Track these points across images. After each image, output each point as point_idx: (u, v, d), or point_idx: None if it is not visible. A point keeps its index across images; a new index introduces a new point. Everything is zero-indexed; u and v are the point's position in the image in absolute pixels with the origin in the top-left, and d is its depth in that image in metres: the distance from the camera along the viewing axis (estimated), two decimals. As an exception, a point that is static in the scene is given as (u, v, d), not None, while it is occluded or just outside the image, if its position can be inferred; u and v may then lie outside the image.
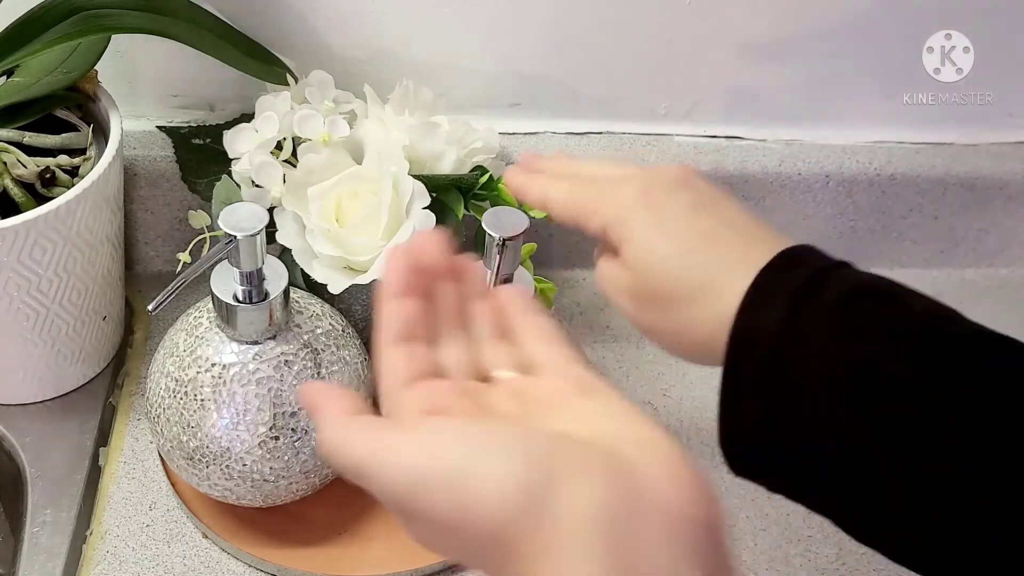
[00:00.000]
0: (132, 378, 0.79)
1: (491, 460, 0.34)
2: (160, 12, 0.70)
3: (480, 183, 0.72)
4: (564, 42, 0.82)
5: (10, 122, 0.70)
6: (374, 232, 0.69)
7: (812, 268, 0.46)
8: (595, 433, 0.37)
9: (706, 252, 0.47)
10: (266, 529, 0.70)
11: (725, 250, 0.47)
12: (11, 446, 0.73)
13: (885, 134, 0.89)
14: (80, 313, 0.72)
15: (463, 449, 0.35)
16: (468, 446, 0.35)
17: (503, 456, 0.35)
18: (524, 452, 0.35)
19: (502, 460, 0.34)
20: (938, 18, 0.82)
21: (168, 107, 0.83)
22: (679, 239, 0.48)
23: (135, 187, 0.82)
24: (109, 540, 0.70)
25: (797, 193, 0.88)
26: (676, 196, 0.49)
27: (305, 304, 0.68)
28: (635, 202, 0.49)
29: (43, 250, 0.66)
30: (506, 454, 0.35)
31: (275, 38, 0.78)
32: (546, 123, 0.86)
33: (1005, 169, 0.89)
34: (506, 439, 0.35)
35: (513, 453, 0.35)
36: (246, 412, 0.63)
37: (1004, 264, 0.94)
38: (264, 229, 0.60)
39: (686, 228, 0.48)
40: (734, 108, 0.87)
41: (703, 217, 0.48)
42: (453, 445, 0.36)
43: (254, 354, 0.64)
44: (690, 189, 0.50)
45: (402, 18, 0.79)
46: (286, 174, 0.71)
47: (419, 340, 0.43)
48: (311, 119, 0.71)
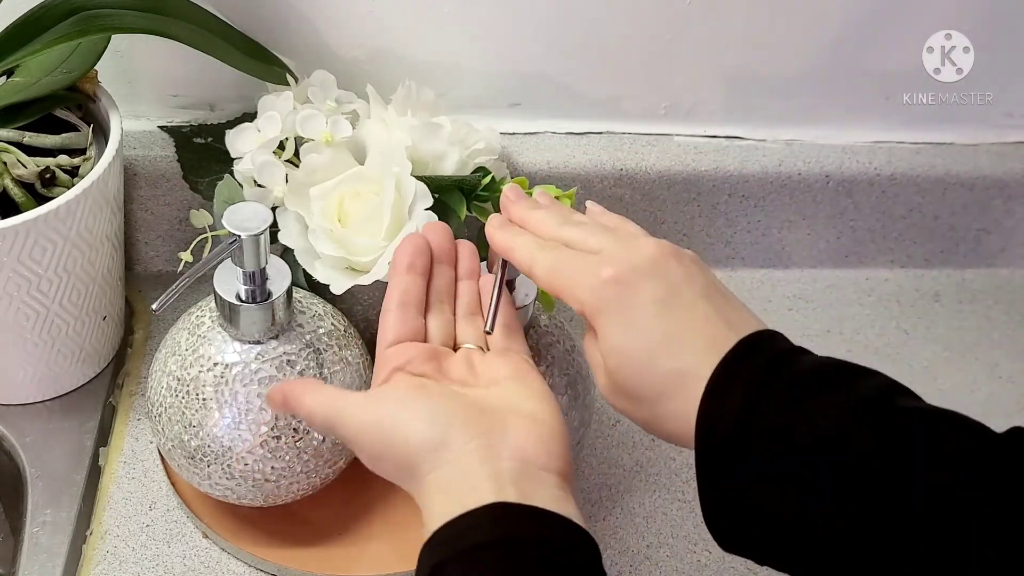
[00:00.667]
0: (132, 378, 0.79)
1: (410, 418, 0.51)
2: (160, 12, 0.70)
3: (482, 184, 0.72)
4: (564, 42, 0.82)
5: (10, 122, 0.70)
6: (376, 232, 0.68)
7: (768, 355, 0.49)
8: (504, 404, 0.52)
9: (670, 358, 0.50)
10: (266, 529, 0.70)
11: (690, 351, 0.50)
12: (11, 446, 0.73)
13: (885, 134, 0.89)
14: (80, 313, 0.72)
15: (393, 409, 0.52)
16: (396, 407, 0.52)
17: (418, 415, 0.51)
18: (432, 413, 0.51)
19: (417, 418, 0.51)
20: (938, 18, 0.82)
21: (168, 107, 0.82)
22: (646, 342, 0.51)
23: (135, 187, 0.82)
24: (109, 540, 0.70)
25: (797, 193, 0.88)
26: (647, 289, 0.51)
27: (307, 304, 0.68)
28: (608, 294, 0.52)
29: (43, 250, 0.66)
30: (419, 414, 0.51)
31: (275, 38, 0.78)
32: (546, 123, 0.86)
33: (1005, 169, 0.89)
34: (423, 405, 0.51)
35: (425, 414, 0.51)
36: (248, 412, 0.63)
37: (1004, 264, 0.94)
38: (267, 229, 0.60)
39: (653, 329, 0.51)
40: (734, 108, 0.87)
41: (671, 314, 0.51)
42: (388, 406, 0.52)
43: (256, 354, 0.64)
44: (661, 278, 0.52)
45: (402, 18, 0.79)
46: (288, 174, 0.70)
47: (413, 308, 0.56)
48: (314, 119, 0.71)
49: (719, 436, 0.48)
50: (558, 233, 0.56)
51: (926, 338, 0.89)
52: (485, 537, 0.46)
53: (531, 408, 0.53)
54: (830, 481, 0.46)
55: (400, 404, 0.52)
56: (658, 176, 0.86)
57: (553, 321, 0.68)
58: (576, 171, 0.84)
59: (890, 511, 0.45)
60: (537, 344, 0.66)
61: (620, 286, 0.52)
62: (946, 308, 0.91)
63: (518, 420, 0.52)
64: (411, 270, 0.57)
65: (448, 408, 0.51)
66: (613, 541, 0.72)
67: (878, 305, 0.91)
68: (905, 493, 0.45)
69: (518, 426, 0.51)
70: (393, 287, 0.57)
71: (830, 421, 0.47)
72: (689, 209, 0.88)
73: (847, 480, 0.46)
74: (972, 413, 0.86)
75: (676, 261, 0.53)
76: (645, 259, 0.53)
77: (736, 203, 0.88)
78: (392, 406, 0.52)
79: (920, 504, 0.44)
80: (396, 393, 0.53)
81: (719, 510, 0.49)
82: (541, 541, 0.46)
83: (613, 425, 0.79)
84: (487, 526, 0.47)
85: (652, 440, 0.78)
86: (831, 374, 0.49)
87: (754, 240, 0.91)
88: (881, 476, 0.45)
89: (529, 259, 0.55)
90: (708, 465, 0.49)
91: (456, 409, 0.51)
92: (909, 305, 0.91)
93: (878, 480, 0.45)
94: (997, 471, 0.45)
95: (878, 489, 0.45)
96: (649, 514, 0.74)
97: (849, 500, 0.46)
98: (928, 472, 0.45)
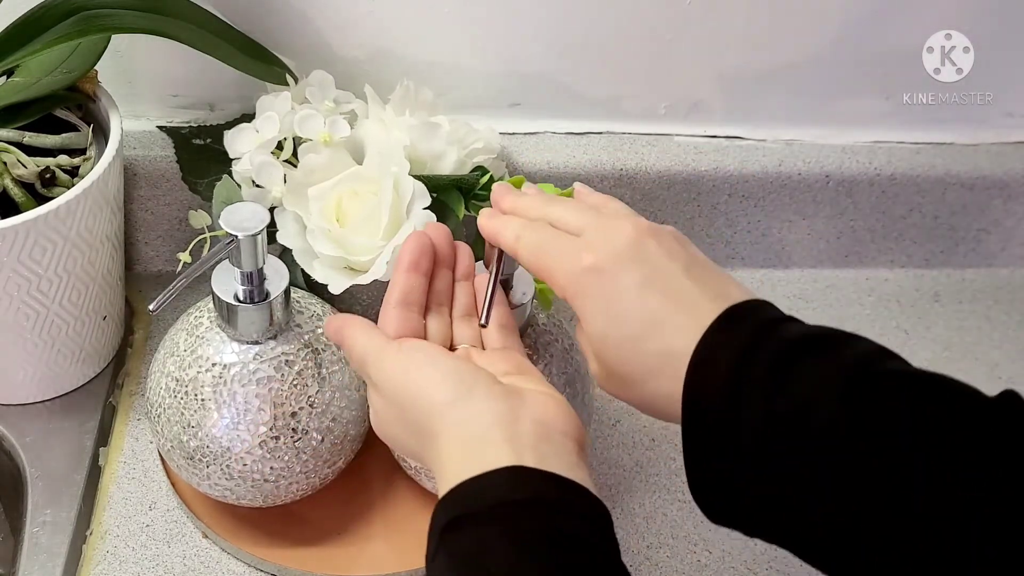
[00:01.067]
0: (132, 378, 0.79)
1: (436, 371, 0.53)
2: (160, 12, 0.70)
3: (481, 183, 0.72)
4: (564, 42, 0.82)
5: (10, 122, 0.70)
6: (375, 232, 0.69)
7: (754, 324, 0.49)
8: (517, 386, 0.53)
9: (655, 340, 0.51)
10: (266, 529, 0.70)
11: (673, 330, 0.50)
12: (11, 446, 0.73)
13: (885, 134, 0.89)
14: (80, 313, 0.72)
15: (423, 361, 0.53)
16: (426, 361, 0.53)
17: (444, 371, 0.53)
18: (457, 372, 0.52)
19: (443, 371, 0.52)
20: (938, 18, 0.82)
21: (168, 107, 0.83)
22: (629, 327, 0.51)
23: (135, 187, 0.82)
24: (109, 540, 0.70)
25: (797, 193, 0.88)
26: (627, 271, 0.52)
27: (306, 304, 0.68)
28: (588, 280, 0.52)
29: (43, 250, 0.66)
30: (446, 370, 0.52)
31: (275, 38, 0.78)
32: (546, 123, 0.86)
33: (1005, 169, 0.89)
34: (451, 364, 0.53)
35: (451, 371, 0.52)
36: (246, 412, 0.63)
37: (1004, 264, 0.94)
38: (265, 229, 0.60)
39: (635, 313, 0.51)
40: (734, 108, 0.87)
41: (652, 296, 0.51)
42: (418, 357, 0.54)
43: (255, 354, 0.64)
44: (641, 260, 0.52)
45: (402, 18, 0.79)
46: (287, 174, 0.70)
47: (415, 307, 0.57)
48: (312, 119, 0.71)
49: (704, 411, 0.48)
50: (543, 212, 0.56)
51: (926, 338, 0.89)
52: (502, 497, 0.47)
53: (543, 389, 0.54)
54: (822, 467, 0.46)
55: (430, 359, 0.53)
56: (658, 176, 0.86)
57: (551, 319, 0.68)
58: (576, 171, 0.84)
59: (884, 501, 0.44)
60: (536, 343, 0.66)
61: (599, 274, 0.52)
62: (946, 308, 0.91)
63: (535, 394, 0.53)
64: (415, 268, 0.58)
65: (473, 372, 0.53)
66: (612, 541, 0.72)
67: (878, 305, 0.91)
68: (899, 477, 0.44)
69: (536, 397, 0.52)
70: (395, 284, 0.57)
71: (817, 394, 0.46)
72: (689, 209, 0.88)
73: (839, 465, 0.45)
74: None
75: (655, 240, 0.53)
76: (624, 242, 0.53)
77: (736, 203, 0.88)
78: (422, 358, 0.53)
79: (915, 485, 0.44)
80: (429, 350, 0.54)
81: (704, 481, 0.49)
82: (556, 505, 0.47)
83: (613, 425, 0.79)
84: (504, 487, 0.47)
85: (652, 440, 0.78)
86: (818, 341, 0.48)
87: (754, 240, 0.91)
88: (873, 460, 0.45)
89: (514, 238, 0.56)
90: (693, 439, 0.49)
91: (480, 375, 0.52)
92: (909, 305, 0.91)
93: (870, 465, 0.45)
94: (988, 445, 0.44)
95: (871, 475, 0.45)
96: (649, 514, 0.74)
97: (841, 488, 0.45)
98: (919, 449, 0.44)
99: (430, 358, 0.53)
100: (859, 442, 0.45)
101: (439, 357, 0.54)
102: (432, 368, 0.53)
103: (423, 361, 0.53)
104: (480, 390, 0.51)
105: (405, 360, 0.54)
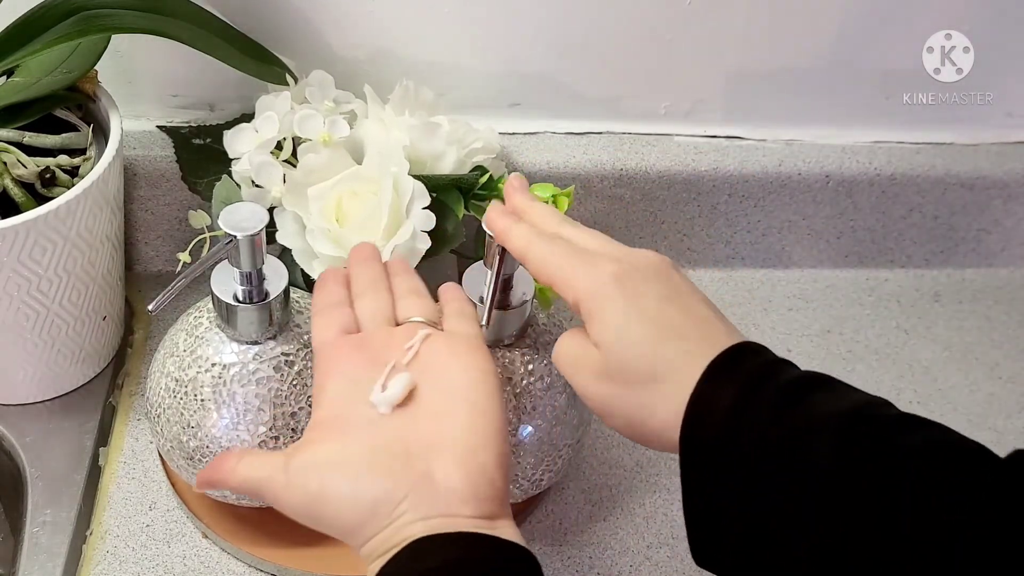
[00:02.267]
0: (132, 378, 0.79)
1: (334, 501, 0.51)
2: (160, 12, 0.70)
3: (480, 183, 0.72)
4: (564, 42, 0.82)
5: (10, 122, 0.70)
6: (374, 232, 0.68)
7: (759, 362, 0.50)
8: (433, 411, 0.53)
9: (673, 343, 0.51)
10: (266, 529, 0.70)
11: (689, 344, 0.51)
12: (11, 446, 0.73)
13: (885, 134, 0.89)
14: (80, 313, 0.72)
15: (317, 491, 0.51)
16: (319, 490, 0.51)
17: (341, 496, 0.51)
18: (354, 492, 0.50)
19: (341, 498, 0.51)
20: (938, 18, 0.82)
21: (168, 107, 0.83)
22: (651, 326, 0.52)
23: (135, 187, 0.82)
24: (109, 540, 0.70)
25: (797, 193, 0.88)
26: (650, 284, 0.53)
27: (305, 304, 0.68)
28: (611, 282, 0.52)
29: (43, 250, 0.66)
30: (343, 495, 0.51)
31: (275, 38, 0.78)
32: (546, 123, 0.86)
33: (1005, 169, 0.89)
34: (344, 485, 0.51)
35: (347, 495, 0.50)
36: (246, 412, 0.63)
37: (1004, 264, 0.94)
38: (264, 229, 0.60)
39: (657, 317, 0.52)
40: (734, 108, 0.87)
41: (672, 309, 0.52)
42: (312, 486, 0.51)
43: (254, 354, 0.64)
44: (663, 280, 0.54)
45: (402, 18, 0.79)
46: (286, 174, 0.71)
47: (337, 305, 0.58)
48: (311, 119, 0.71)
49: (706, 429, 0.49)
50: (558, 230, 0.57)
51: (926, 338, 0.89)
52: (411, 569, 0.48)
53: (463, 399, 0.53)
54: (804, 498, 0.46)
55: (321, 486, 0.51)
56: (658, 176, 0.86)
57: (551, 319, 0.68)
58: (576, 171, 0.85)
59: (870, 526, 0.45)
60: (535, 342, 0.66)
61: (623, 281, 0.53)
62: (946, 308, 0.91)
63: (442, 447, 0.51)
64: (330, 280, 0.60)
65: (371, 477, 0.50)
66: (613, 541, 0.72)
67: (878, 305, 0.91)
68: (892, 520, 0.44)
69: (443, 457, 0.51)
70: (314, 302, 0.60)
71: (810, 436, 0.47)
72: (689, 209, 0.88)
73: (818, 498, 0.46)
74: (972, 413, 0.86)
75: (677, 272, 0.55)
76: (647, 263, 0.54)
77: (736, 203, 0.88)
78: (315, 486, 0.51)
79: (907, 527, 0.44)
80: (315, 472, 0.52)
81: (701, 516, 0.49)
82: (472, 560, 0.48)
83: (613, 425, 0.79)
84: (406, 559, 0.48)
85: (652, 440, 0.78)
86: (815, 385, 0.49)
87: (754, 240, 0.91)
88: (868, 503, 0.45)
89: (526, 243, 0.56)
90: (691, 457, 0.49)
91: (378, 471, 0.51)
92: (909, 305, 0.91)
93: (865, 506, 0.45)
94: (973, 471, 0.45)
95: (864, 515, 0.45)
96: (649, 514, 0.74)
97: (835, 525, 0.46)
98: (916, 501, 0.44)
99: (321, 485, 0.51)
100: (848, 473, 0.46)
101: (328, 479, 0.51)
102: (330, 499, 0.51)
103: (318, 491, 0.51)
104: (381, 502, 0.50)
105: (301, 492, 0.52)
